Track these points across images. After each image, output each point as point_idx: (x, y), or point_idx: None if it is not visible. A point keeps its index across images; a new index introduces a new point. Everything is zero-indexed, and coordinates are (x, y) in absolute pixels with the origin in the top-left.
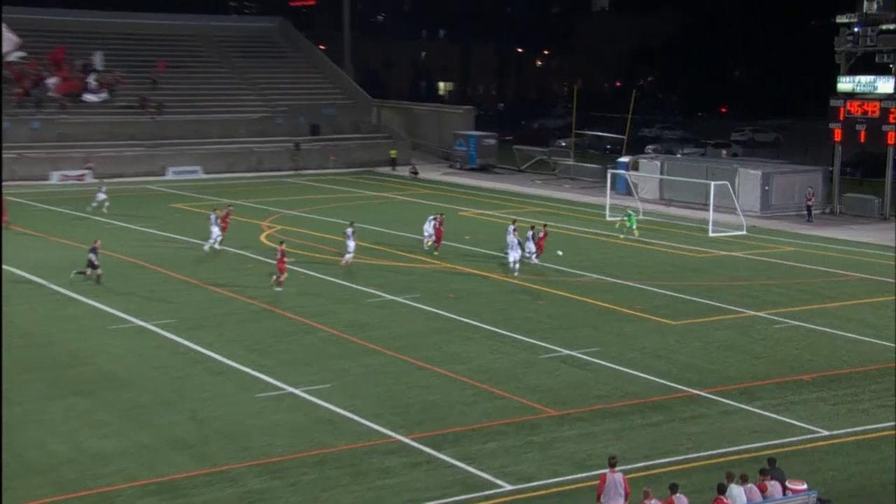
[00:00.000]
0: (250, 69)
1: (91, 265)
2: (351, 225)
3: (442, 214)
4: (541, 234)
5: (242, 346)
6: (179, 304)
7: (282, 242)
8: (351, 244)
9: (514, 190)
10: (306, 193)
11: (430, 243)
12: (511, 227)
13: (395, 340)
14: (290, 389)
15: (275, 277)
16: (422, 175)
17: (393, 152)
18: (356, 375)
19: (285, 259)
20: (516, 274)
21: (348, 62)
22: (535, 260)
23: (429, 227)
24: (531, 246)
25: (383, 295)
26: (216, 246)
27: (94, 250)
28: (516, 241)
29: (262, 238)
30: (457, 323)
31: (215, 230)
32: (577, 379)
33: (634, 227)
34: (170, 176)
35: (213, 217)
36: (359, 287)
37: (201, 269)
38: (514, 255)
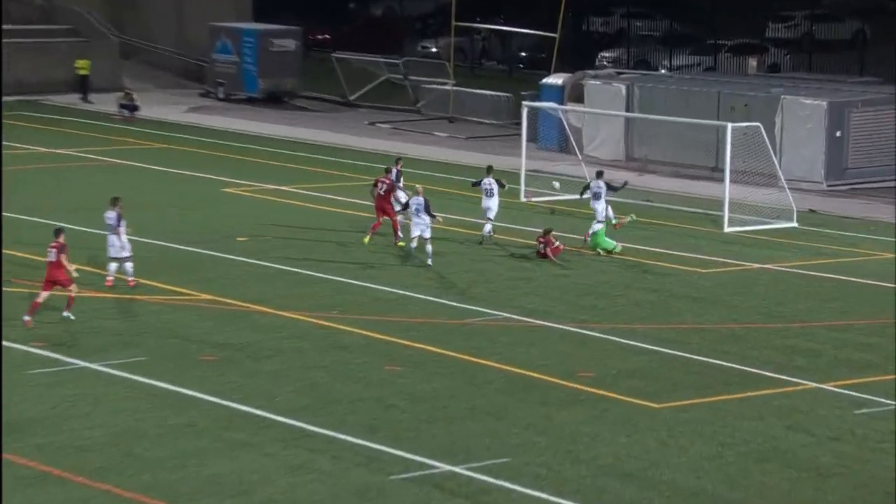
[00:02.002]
0: None
1: None
2: None
3: (399, 162)
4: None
5: None
6: None
7: None
8: None
9: (335, 143)
10: None
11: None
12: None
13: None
14: None
15: None
16: (144, 112)
17: (82, 64)
18: None
19: None
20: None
21: None
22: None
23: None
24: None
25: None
26: None
27: None
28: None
29: None
30: (224, 414)
31: None
32: None
33: (610, 247)
34: None
35: None
36: None
37: None
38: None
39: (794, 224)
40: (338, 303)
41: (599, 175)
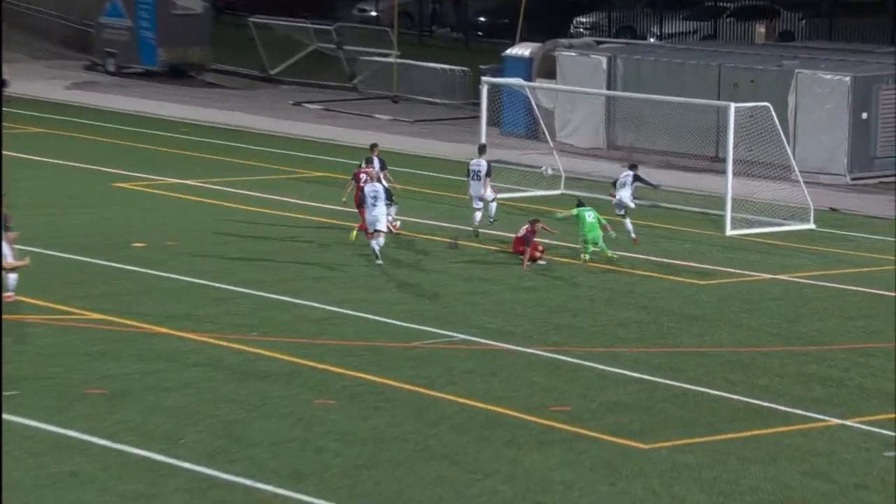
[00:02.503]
0: None
1: None
2: None
3: (375, 148)
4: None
5: None
6: None
7: None
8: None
9: (252, 127)
10: None
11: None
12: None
13: None
14: None
15: None
16: (14, 88)
17: None
18: None
19: None
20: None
21: None
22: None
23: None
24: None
25: None
26: None
27: None
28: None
29: None
30: None
31: None
32: None
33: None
34: None
35: None
36: None
37: None
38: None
39: (811, 226)
40: (257, 323)
41: (633, 168)
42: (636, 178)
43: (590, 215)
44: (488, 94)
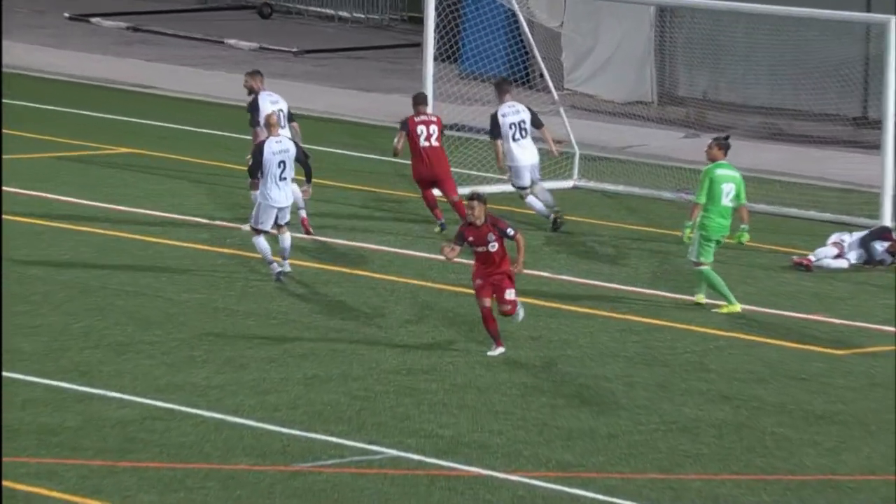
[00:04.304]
0: None
1: None
2: None
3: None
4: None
5: None
6: None
7: None
8: None
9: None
10: None
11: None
12: None
13: None
14: None
15: None
16: None
17: None
18: None
19: None
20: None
21: None
22: None
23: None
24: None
25: None
26: None
27: None
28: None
29: None
30: None
31: None
32: None
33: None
34: None
35: None
36: None
37: None
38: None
39: None
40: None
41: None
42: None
43: (727, 193)
44: (438, 4)
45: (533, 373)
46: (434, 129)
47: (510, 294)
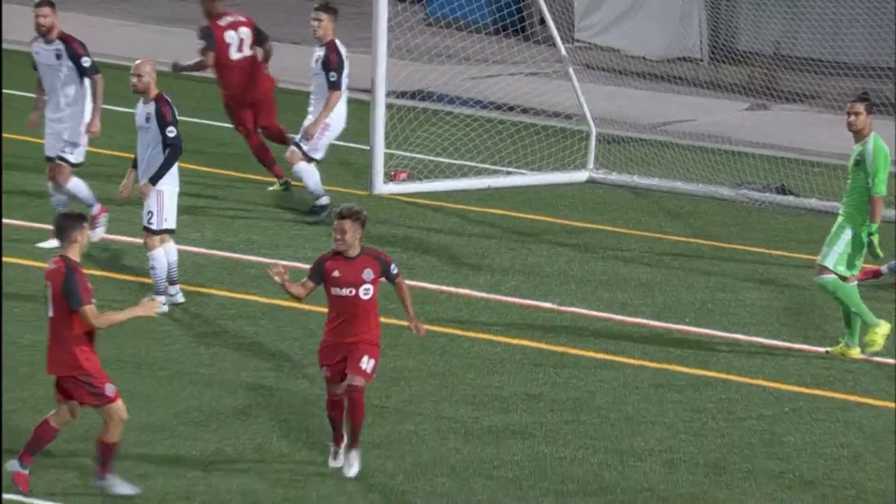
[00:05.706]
0: None
1: None
2: None
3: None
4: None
5: None
6: None
7: None
8: None
9: None
10: None
11: None
12: None
13: None
14: None
15: None
16: None
17: None
18: None
19: None
20: None
21: None
22: None
23: None
24: None
25: None
26: None
27: None
28: None
29: None
30: None
31: None
32: None
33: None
34: None
35: None
36: None
37: None
38: None
39: None
40: None
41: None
42: None
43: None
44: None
45: (531, 447)
46: (246, 32)
47: (366, 363)
